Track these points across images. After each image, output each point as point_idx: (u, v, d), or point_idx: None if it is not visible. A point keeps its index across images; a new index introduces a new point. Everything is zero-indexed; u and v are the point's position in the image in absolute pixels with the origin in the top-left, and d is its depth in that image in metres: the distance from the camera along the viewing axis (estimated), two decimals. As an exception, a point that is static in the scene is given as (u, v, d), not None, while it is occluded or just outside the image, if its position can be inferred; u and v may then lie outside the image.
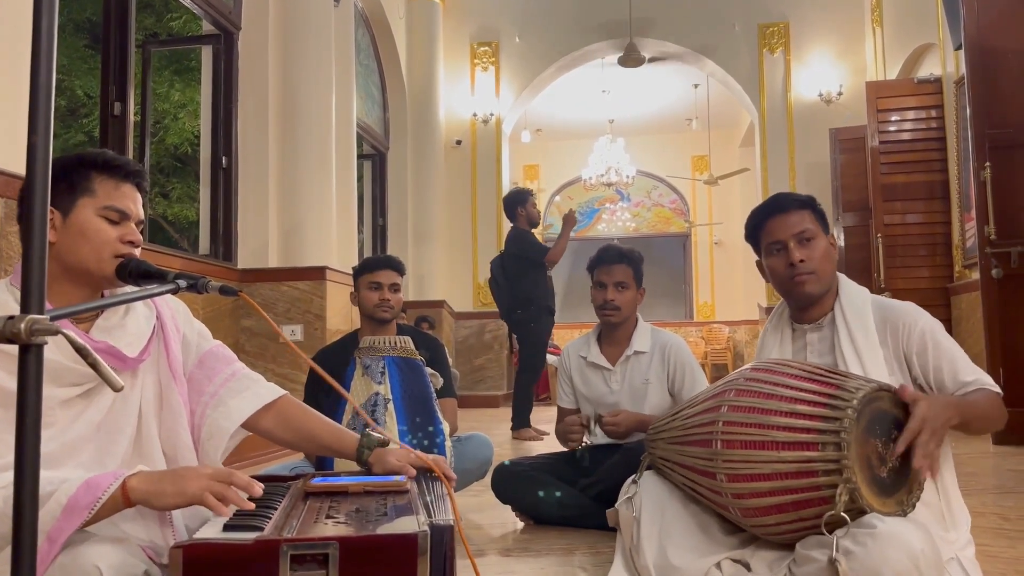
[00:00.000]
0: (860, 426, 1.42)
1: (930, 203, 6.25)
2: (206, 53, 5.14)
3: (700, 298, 13.56)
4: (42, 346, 0.77)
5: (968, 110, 4.55)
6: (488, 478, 2.68)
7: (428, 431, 2.28)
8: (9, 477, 0.92)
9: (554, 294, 5.56)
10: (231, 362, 1.49)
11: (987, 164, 4.37)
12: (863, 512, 1.39)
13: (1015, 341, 4.26)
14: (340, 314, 5.09)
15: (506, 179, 9.31)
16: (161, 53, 10.57)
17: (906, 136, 6.42)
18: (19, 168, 2.69)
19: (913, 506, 1.45)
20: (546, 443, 4.79)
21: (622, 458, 2.36)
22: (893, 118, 6.43)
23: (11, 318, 0.75)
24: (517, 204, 5.48)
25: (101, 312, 1.34)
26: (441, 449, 2.27)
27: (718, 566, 1.63)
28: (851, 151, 7.06)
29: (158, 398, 1.39)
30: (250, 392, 1.46)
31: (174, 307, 1.47)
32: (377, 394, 2.27)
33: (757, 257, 1.89)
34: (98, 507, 1.06)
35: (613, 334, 2.62)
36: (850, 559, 1.33)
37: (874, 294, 1.79)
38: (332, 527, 1.05)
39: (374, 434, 1.48)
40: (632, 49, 8.60)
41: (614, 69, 9.61)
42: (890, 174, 6.31)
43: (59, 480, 1.09)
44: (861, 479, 1.40)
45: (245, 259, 5.01)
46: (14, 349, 0.77)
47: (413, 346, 2.44)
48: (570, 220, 5.32)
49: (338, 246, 5.43)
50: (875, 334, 1.68)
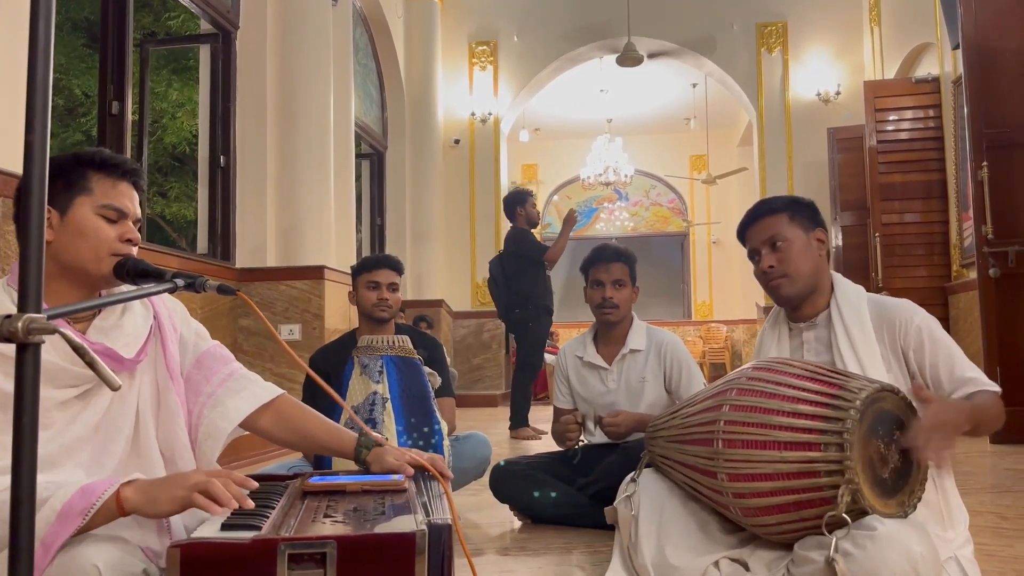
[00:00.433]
0: (863, 427, 1.42)
1: (928, 203, 6.26)
2: (204, 52, 5.14)
3: (698, 297, 13.57)
4: (39, 345, 0.77)
5: (965, 110, 4.55)
6: (486, 477, 2.68)
7: (426, 430, 2.28)
8: (5, 482, 0.92)
9: (552, 294, 5.57)
10: (228, 362, 1.49)
11: (984, 164, 4.37)
12: (865, 513, 1.39)
13: (1012, 340, 4.27)
14: (338, 313, 5.09)
15: (504, 178, 9.31)
16: (159, 52, 10.56)
17: (904, 136, 6.43)
18: (16, 167, 2.69)
19: (914, 507, 1.45)
20: (544, 442, 4.79)
21: (620, 457, 2.36)
22: (891, 118, 6.44)
23: (8, 317, 0.75)
24: (516, 204, 5.49)
25: (98, 312, 1.34)
26: (439, 448, 2.27)
27: (716, 565, 1.63)
28: (849, 150, 7.07)
29: (155, 398, 1.38)
30: (248, 392, 1.46)
31: (171, 307, 1.47)
32: (375, 393, 2.27)
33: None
34: (92, 513, 1.06)
35: (609, 333, 2.62)
36: (849, 561, 1.33)
37: (871, 293, 1.80)
38: (330, 526, 1.05)
39: (371, 434, 1.48)
40: (630, 48, 8.60)
41: (612, 68, 9.60)
42: (888, 173, 6.32)
43: (55, 486, 1.09)
44: (863, 480, 1.40)
45: (243, 258, 5.01)
46: (11, 350, 0.77)
47: (411, 345, 2.44)
48: (570, 220, 5.32)
49: (336, 245, 5.43)
50: (872, 331, 1.69)
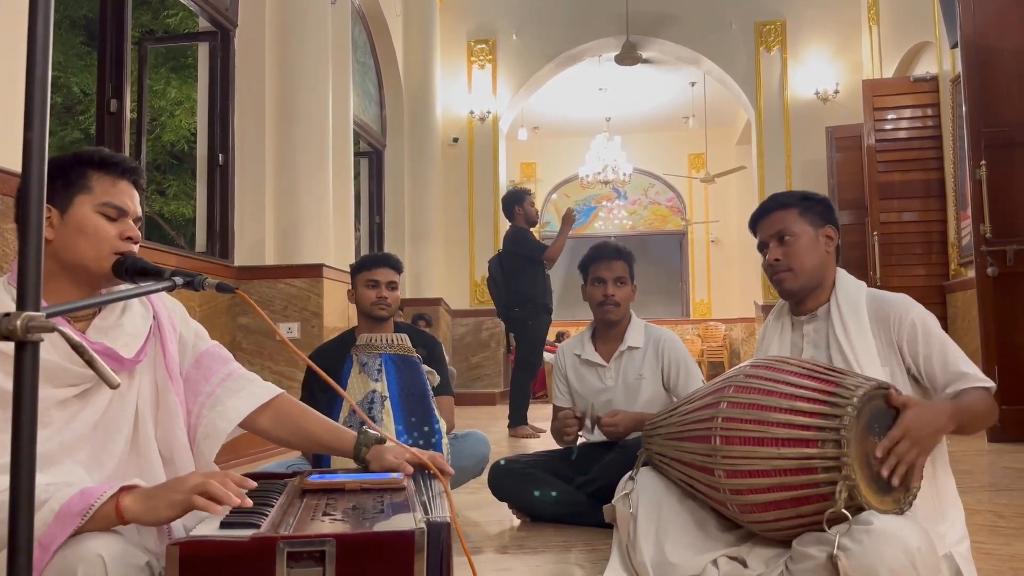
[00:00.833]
0: (860, 424, 1.43)
1: (926, 201, 6.27)
2: (203, 50, 5.13)
3: (696, 296, 13.58)
4: (38, 343, 0.77)
5: (964, 108, 4.56)
6: (485, 476, 2.69)
7: (425, 429, 2.28)
8: (4, 482, 0.92)
9: (551, 292, 5.57)
10: (227, 362, 1.49)
11: (983, 162, 4.38)
12: (861, 509, 1.40)
13: (1010, 339, 4.27)
14: (337, 312, 5.09)
15: (503, 177, 9.31)
16: (158, 50, 10.54)
17: (902, 134, 6.43)
18: (15, 165, 2.68)
19: (910, 504, 1.46)
20: (543, 441, 4.79)
21: (618, 455, 2.36)
22: (889, 116, 6.44)
23: (7, 315, 0.75)
24: (515, 203, 5.50)
25: (98, 312, 1.34)
26: (438, 447, 2.27)
27: (715, 563, 1.63)
28: (847, 149, 7.07)
29: (154, 398, 1.39)
30: (246, 392, 1.46)
31: (171, 307, 1.48)
32: (374, 391, 2.27)
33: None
34: (91, 514, 1.06)
35: (608, 331, 2.63)
36: (847, 556, 1.34)
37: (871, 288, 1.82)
38: (329, 524, 1.05)
39: (371, 431, 1.48)
40: (629, 47, 8.60)
41: (611, 67, 9.61)
42: (886, 172, 6.32)
43: (55, 487, 1.09)
44: (860, 476, 1.41)
45: (242, 256, 5.01)
46: (10, 348, 0.77)
47: (410, 344, 2.44)
48: (569, 218, 5.33)
49: (335, 244, 5.43)
50: (868, 325, 1.71)
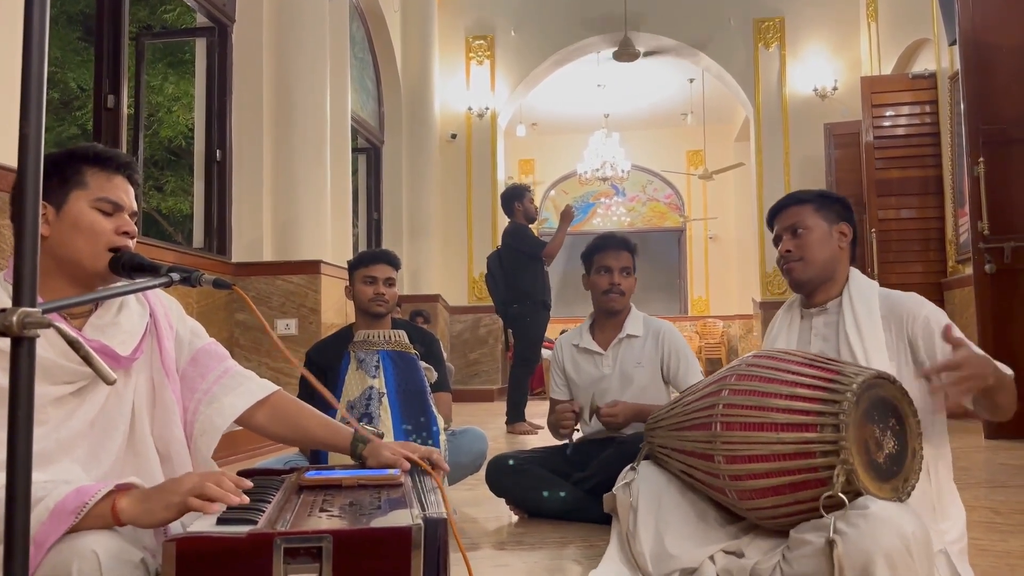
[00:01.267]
0: (859, 410, 1.45)
1: (924, 198, 6.27)
2: (200, 46, 5.12)
3: (695, 293, 13.58)
4: (34, 339, 0.77)
5: (962, 105, 4.55)
6: (482, 472, 2.69)
7: (422, 425, 2.28)
8: (0, 479, 0.92)
9: (550, 289, 5.57)
10: (224, 359, 1.50)
11: (981, 159, 4.38)
12: (859, 495, 1.41)
13: (1008, 336, 4.28)
14: (334, 308, 5.08)
15: (501, 173, 9.31)
16: (155, 46, 10.51)
17: (900, 131, 6.44)
18: (11, 161, 2.68)
19: (908, 494, 1.48)
20: (540, 437, 4.80)
21: (616, 451, 2.36)
22: (888, 113, 6.44)
23: (3, 311, 0.75)
24: (514, 199, 5.50)
25: (95, 309, 1.34)
26: (436, 443, 2.27)
27: (711, 559, 1.64)
28: (845, 146, 7.07)
29: (151, 396, 1.39)
30: (243, 388, 1.46)
31: (167, 304, 1.47)
32: (371, 388, 2.27)
33: None
34: (85, 511, 1.06)
35: (607, 321, 2.65)
36: (843, 539, 1.35)
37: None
38: (326, 520, 1.05)
39: (368, 427, 1.48)
40: (627, 43, 8.59)
41: (609, 63, 9.60)
42: (884, 169, 6.32)
43: (52, 485, 1.09)
44: (858, 461, 1.43)
45: (239, 253, 5.00)
46: (6, 345, 0.76)
47: (408, 340, 2.44)
48: (567, 215, 5.33)
49: (332, 240, 5.43)
50: (879, 320, 1.74)
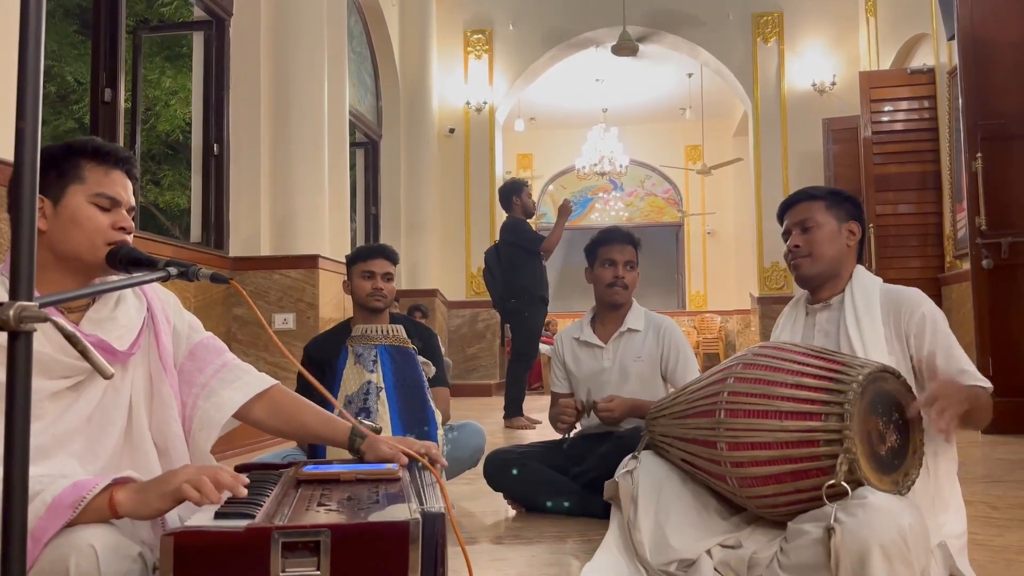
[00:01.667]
0: (863, 401, 1.46)
1: (922, 193, 6.27)
2: (197, 39, 5.11)
3: (692, 288, 13.59)
4: (31, 333, 0.77)
5: (960, 101, 4.55)
6: (481, 466, 2.69)
7: (420, 420, 2.28)
8: None
9: (548, 283, 5.58)
10: (222, 353, 1.49)
11: (979, 155, 4.38)
12: (860, 485, 1.42)
13: (1005, 331, 4.28)
14: (332, 303, 5.08)
15: (499, 168, 9.29)
16: (152, 39, 10.48)
17: (899, 126, 6.43)
18: (8, 155, 2.67)
19: (908, 488, 1.49)
20: (538, 432, 4.80)
21: (613, 446, 2.37)
22: (886, 108, 6.44)
23: (0, 305, 0.75)
24: (512, 194, 5.50)
25: (92, 303, 1.33)
26: (433, 438, 2.28)
27: (708, 552, 1.64)
28: (844, 141, 7.07)
29: (148, 390, 1.38)
30: (241, 382, 1.46)
31: (164, 299, 1.47)
32: (369, 383, 2.27)
33: None
34: (83, 506, 1.06)
35: (609, 314, 2.66)
36: (841, 528, 1.36)
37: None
38: (324, 515, 1.05)
39: (366, 422, 1.49)
40: (626, 37, 8.57)
41: (608, 58, 9.57)
42: (882, 164, 6.32)
43: (49, 479, 1.09)
44: (861, 451, 1.44)
45: (237, 247, 4.99)
46: (2, 339, 0.76)
47: (406, 335, 2.44)
48: (565, 209, 5.33)
49: (330, 235, 5.42)
50: (879, 315, 1.76)
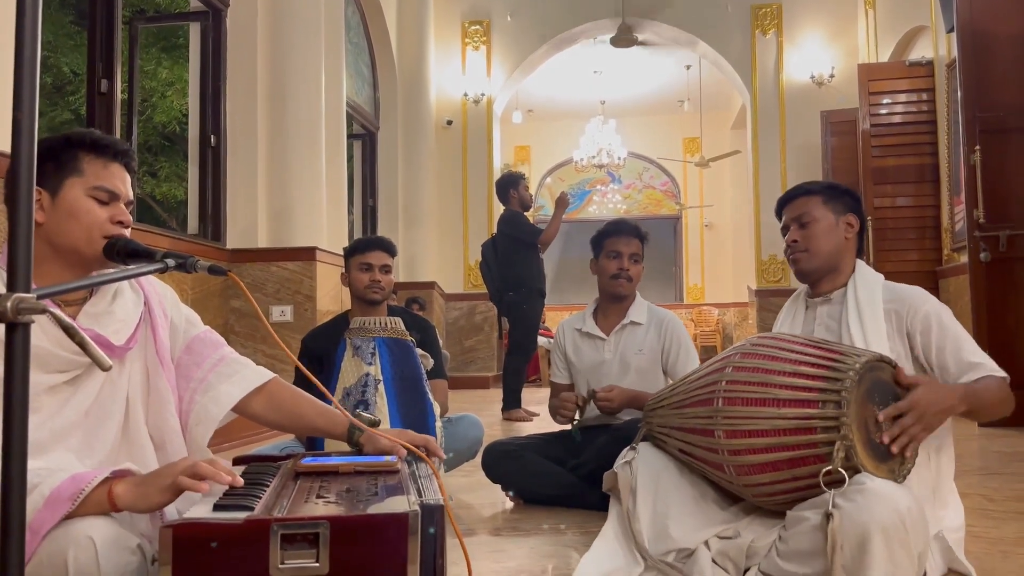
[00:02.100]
0: (861, 389, 1.47)
1: (920, 186, 6.27)
2: (194, 30, 5.08)
3: (690, 280, 13.60)
4: (29, 325, 0.77)
5: (959, 93, 4.55)
6: (479, 458, 2.69)
7: (418, 412, 2.28)
8: None
9: (545, 276, 5.58)
10: (219, 347, 1.49)
11: (977, 148, 4.38)
12: (857, 472, 1.43)
13: (1002, 324, 4.29)
14: (330, 295, 5.08)
15: (497, 160, 9.28)
16: (148, 30, 10.43)
17: (897, 119, 6.43)
18: (5, 147, 2.66)
19: (904, 477, 1.50)
20: (535, 424, 4.81)
21: (611, 438, 2.37)
22: (884, 101, 6.43)
23: (-3, 297, 0.75)
24: (509, 186, 5.49)
25: (89, 297, 1.33)
26: (432, 430, 2.27)
27: (706, 544, 1.65)
28: (842, 134, 7.06)
29: (145, 384, 1.38)
30: (239, 376, 1.46)
31: (162, 292, 1.47)
32: (367, 375, 2.27)
33: None
34: (82, 498, 1.06)
35: (611, 307, 2.66)
36: (840, 513, 1.37)
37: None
38: (323, 507, 1.05)
39: (364, 415, 1.49)
40: (624, 29, 8.55)
41: (606, 49, 9.56)
42: (881, 157, 6.32)
43: (47, 472, 1.09)
44: (858, 438, 1.44)
45: (234, 239, 4.98)
46: (0, 331, 0.76)
47: (404, 327, 2.44)
48: (563, 202, 5.32)
49: (328, 227, 5.41)
50: (881, 311, 1.76)
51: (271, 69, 5.12)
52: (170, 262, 1.25)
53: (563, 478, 2.50)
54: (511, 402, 5.30)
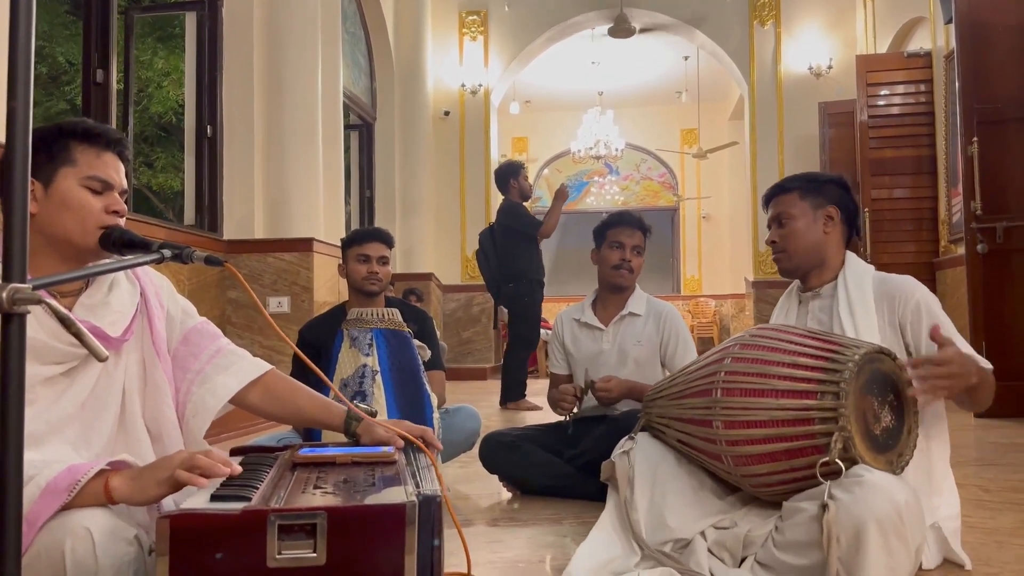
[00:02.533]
0: (859, 380, 1.48)
1: (917, 178, 6.27)
2: (190, 20, 5.05)
3: (687, 272, 13.60)
4: (25, 316, 0.77)
5: (957, 84, 4.54)
6: (476, 449, 2.70)
7: (416, 403, 2.28)
8: None
9: (543, 268, 5.58)
10: (216, 338, 1.48)
11: (974, 139, 4.37)
12: (854, 463, 1.44)
13: (999, 316, 4.30)
14: (327, 286, 5.07)
15: (495, 151, 9.25)
16: (144, 19, 10.36)
17: (895, 110, 6.42)
18: None
19: (902, 468, 1.51)
20: (534, 416, 4.82)
21: (608, 429, 2.38)
22: (882, 92, 6.42)
23: (-8, 287, 0.74)
24: (509, 176, 5.48)
25: (85, 288, 1.32)
26: (429, 421, 2.28)
27: (703, 534, 1.66)
28: (840, 125, 7.05)
29: (142, 376, 1.38)
30: (236, 368, 1.45)
31: (158, 283, 1.46)
32: (365, 366, 2.27)
33: None
34: (78, 490, 1.06)
35: (610, 298, 2.67)
36: (837, 505, 1.38)
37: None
38: (320, 497, 1.05)
39: (362, 405, 1.49)
40: (623, 20, 8.52)
41: (604, 40, 9.52)
42: (878, 148, 6.31)
43: (43, 464, 1.08)
44: (856, 430, 1.45)
45: (231, 230, 4.97)
46: (-5, 321, 0.76)
47: (401, 318, 2.44)
48: (562, 194, 5.31)
49: (325, 218, 5.40)
50: (872, 302, 1.76)
51: (268, 59, 5.10)
52: (166, 253, 1.24)
53: (560, 468, 2.51)
54: (516, 393, 5.31)
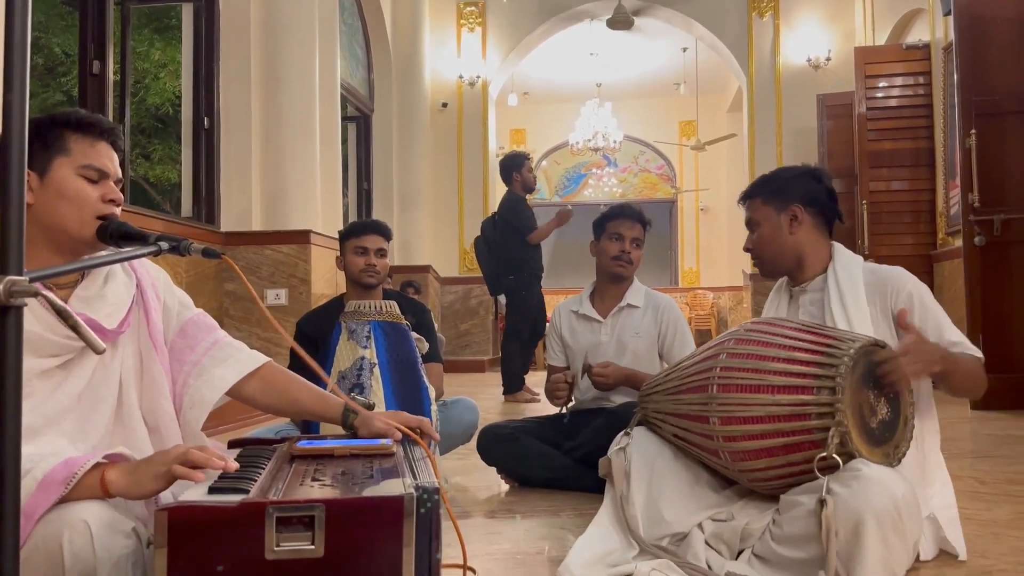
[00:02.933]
0: (855, 374, 1.48)
1: (915, 170, 6.26)
2: (187, 11, 5.03)
3: (685, 264, 13.60)
4: (22, 308, 0.76)
5: (955, 77, 4.54)
6: (474, 442, 2.70)
7: (414, 396, 2.28)
8: None
9: (542, 263, 5.60)
10: (213, 330, 1.48)
11: (973, 131, 4.37)
12: (851, 457, 1.44)
13: (996, 308, 4.31)
14: (325, 278, 5.07)
15: (492, 143, 9.24)
16: (141, 11, 10.31)
17: (893, 103, 6.41)
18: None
19: (899, 460, 1.51)
20: (533, 407, 4.83)
21: (606, 421, 2.38)
22: (881, 84, 6.41)
23: (-11, 280, 0.74)
24: (513, 168, 5.48)
25: (81, 280, 1.32)
26: (427, 413, 2.28)
27: (700, 526, 1.66)
28: (838, 117, 7.04)
29: (138, 368, 1.37)
30: (233, 360, 1.45)
31: (155, 275, 1.46)
32: (363, 359, 2.27)
33: None
34: (75, 482, 1.05)
35: (608, 290, 2.67)
36: (835, 499, 1.38)
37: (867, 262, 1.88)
38: (318, 489, 1.05)
39: (359, 398, 1.49)
40: (621, 11, 8.50)
41: (602, 31, 9.49)
42: (876, 140, 6.31)
43: (39, 457, 1.08)
44: (852, 424, 1.45)
45: (228, 222, 4.96)
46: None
47: (399, 311, 2.43)
48: (564, 216, 5.26)
49: (322, 210, 5.39)
50: (863, 294, 1.76)
51: (265, 51, 5.08)
52: (164, 245, 1.24)
53: (558, 461, 2.51)
54: (513, 385, 5.32)
